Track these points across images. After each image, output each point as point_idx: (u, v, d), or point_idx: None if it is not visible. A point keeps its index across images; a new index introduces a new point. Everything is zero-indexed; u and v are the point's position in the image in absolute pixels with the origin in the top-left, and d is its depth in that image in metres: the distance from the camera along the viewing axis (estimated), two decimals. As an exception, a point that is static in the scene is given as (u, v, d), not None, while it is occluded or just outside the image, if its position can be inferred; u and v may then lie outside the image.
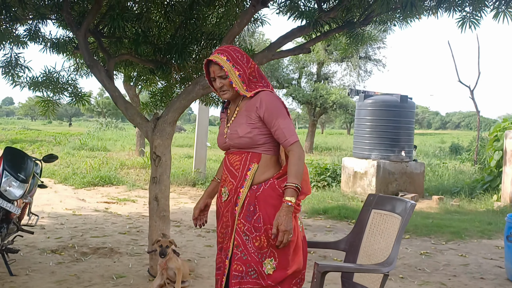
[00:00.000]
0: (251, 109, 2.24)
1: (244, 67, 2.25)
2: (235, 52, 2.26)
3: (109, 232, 5.70)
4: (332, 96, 20.40)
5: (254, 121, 2.23)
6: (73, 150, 17.08)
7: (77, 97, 5.46)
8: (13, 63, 5.20)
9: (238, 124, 2.26)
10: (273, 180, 2.24)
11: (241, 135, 2.23)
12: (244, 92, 2.24)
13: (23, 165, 3.75)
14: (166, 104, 5.55)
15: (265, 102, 2.22)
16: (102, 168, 11.37)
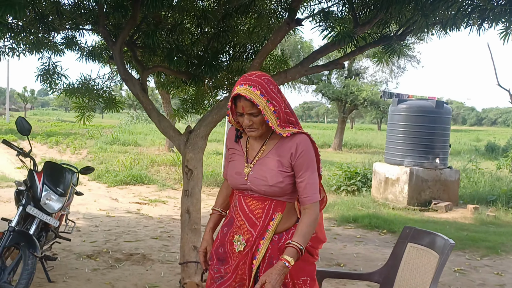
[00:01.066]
0: (284, 153, 2.00)
1: (279, 101, 1.98)
2: (268, 84, 1.97)
3: (141, 236, 5.81)
4: (363, 93, 20.11)
5: (286, 169, 1.99)
6: (106, 145, 17.44)
7: (111, 103, 5.58)
8: (50, 71, 5.34)
9: (267, 169, 2.00)
10: (295, 228, 2.04)
11: (271, 183, 1.97)
12: (280, 131, 1.96)
13: (61, 179, 3.85)
14: (197, 110, 5.61)
15: (302, 150, 1.98)
16: (133, 166, 11.57)
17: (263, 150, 2.05)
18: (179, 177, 10.65)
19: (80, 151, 16.75)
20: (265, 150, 2.04)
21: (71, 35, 5.32)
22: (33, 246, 3.40)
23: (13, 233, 3.44)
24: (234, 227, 2.09)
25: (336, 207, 7.87)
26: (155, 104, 4.96)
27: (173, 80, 5.72)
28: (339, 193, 9.46)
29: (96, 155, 14.73)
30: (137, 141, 19.63)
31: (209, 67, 4.02)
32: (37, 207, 3.64)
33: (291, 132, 1.99)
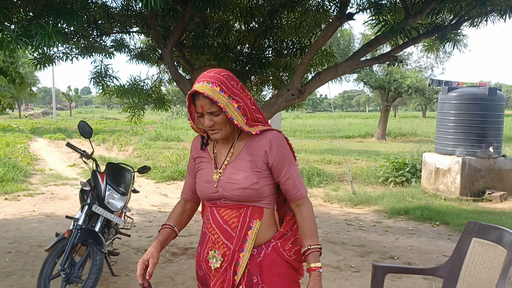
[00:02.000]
0: (256, 152, 1.79)
1: (243, 98, 1.76)
2: (229, 80, 1.76)
3: (193, 231, 5.96)
4: (408, 80, 19.60)
5: (261, 169, 1.79)
6: (150, 141, 17.88)
7: (160, 102, 5.74)
8: (102, 74, 5.55)
9: (238, 171, 1.79)
10: (275, 241, 1.84)
11: (245, 186, 1.76)
12: (247, 129, 1.75)
13: (122, 179, 4.02)
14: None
15: (276, 146, 1.78)
16: (179, 162, 11.83)
17: (232, 153, 1.83)
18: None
19: (126, 148, 17.25)
20: (234, 152, 1.83)
21: (120, 38, 5.51)
22: (99, 243, 3.58)
23: (80, 231, 3.63)
24: (208, 243, 1.88)
25: (385, 199, 7.77)
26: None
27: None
28: (387, 185, 9.33)
29: (142, 152, 15.15)
30: (179, 136, 20.00)
31: (258, 64, 4.06)
32: (101, 206, 3.82)
33: (261, 129, 1.78)
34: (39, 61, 5.23)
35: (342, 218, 6.87)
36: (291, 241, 1.87)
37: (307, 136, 23.47)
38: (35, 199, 7.90)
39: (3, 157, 12.35)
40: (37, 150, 16.21)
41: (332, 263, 4.75)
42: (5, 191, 8.39)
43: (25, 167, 11.13)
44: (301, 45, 4.48)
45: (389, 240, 5.67)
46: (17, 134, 21.32)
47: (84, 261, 3.66)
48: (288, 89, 3.95)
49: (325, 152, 14.79)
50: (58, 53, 5.29)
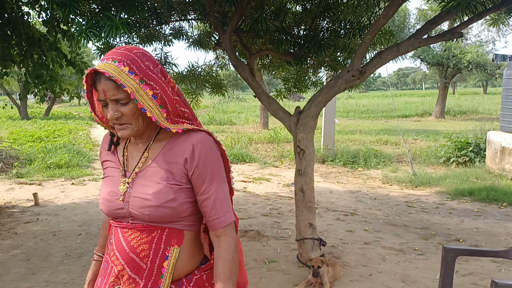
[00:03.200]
0: (175, 159, 1.36)
1: (161, 84, 1.34)
2: (143, 59, 1.33)
3: (252, 213, 6.07)
4: (468, 56, 18.68)
5: (179, 181, 1.36)
6: (204, 125, 18.17)
7: (217, 87, 5.84)
8: (162, 61, 5.69)
9: (150, 183, 1.36)
10: (200, 273, 1.45)
11: (157, 203, 1.33)
12: (166, 124, 1.33)
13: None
14: (300, 89, 5.66)
15: (200, 153, 1.35)
16: (234, 146, 12.00)
17: (145, 157, 1.40)
18: (278, 155, 10.86)
19: (182, 132, 17.65)
20: (149, 156, 1.40)
21: (178, 26, 5.62)
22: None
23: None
24: (110, 276, 1.42)
25: (448, 180, 7.52)
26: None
27: (274, 61, 5.82)
28: (449, 165, 9.02)
29: (198, 136, 15.48)
30: (232, 119, 20.24)
31: (318, 46, 4.01)
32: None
33: (185, 128, 1.35)
34: (103, 51, 5.44)
35: (403, 200, 6.74)
36: None
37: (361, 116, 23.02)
38: (99, 184, 8.29)
39: (68, 144, 13.03)
40: (97, 136, 16.94)
41: (395, 245, 4.69)
42: (71, 176, 8.86)
43: (88, 153, 11.68)
44: (359, 25, 4.37)
45: (453, 222, 5.51)
46: (78, 121, 22.33)
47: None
48: (348, 70, 3.88)
49: (381, 133, 14.48)
50: (121, 43, 5.49)
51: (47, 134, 15.75)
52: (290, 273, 4.07)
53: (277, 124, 16.69)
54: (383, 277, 3.88)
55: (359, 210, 6.20)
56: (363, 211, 6.14)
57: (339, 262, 4.17)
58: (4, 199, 6.96)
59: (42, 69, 4.50)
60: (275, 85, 39.16)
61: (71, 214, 6.13)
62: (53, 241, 4.95)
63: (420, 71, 48.99)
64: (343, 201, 6.76)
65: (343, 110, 24.95)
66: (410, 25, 20.33)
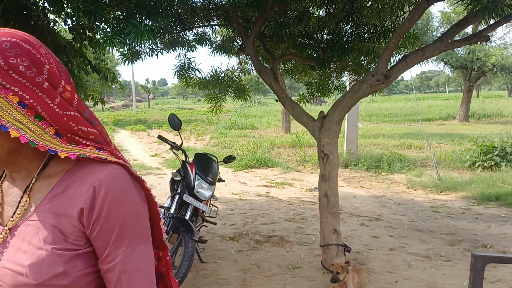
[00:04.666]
0: (66, 210, 0.89)
1: (36, 90, 0.87)
2: (8, 53, 0.85)
3: (275, 219, 6.05)
4: (492, 58, 18.32)
5: (74, 244, 0.89)
6: (225, 130, 18.29)
7: (240, 92, 5.85)
8: (185, 67, 5.75)
9: (28, 248, 0.88)
10: None
11: (38, 280, 0.86)
12: (51, 145, 0.87)
13: (210, 169, 4.18)
14: (323, 93, 5.64)
15: (105, 199, 0.88)
16: (256, 150, 12.01)
17: (25, 204, 0.92)
18: (301, 159, 10.81)
19: (203, 137, 17.79)
20: (30, 202, 0.92)
21: (202, 31, 5.67)
22: (191, 231, 3.75)
23: (173, 220, 3.83)
24: None
25: (474, 184, 7.37)
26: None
27: (297, 66, 5.80)
28: (474, 170, 8.84)
29: (219, 140, 15.56)
30: (254, 124, 20.26)
31: (342, 51, 3.98)
32: (191, 195, 3.99)
33: (82, 154, 0.89)
34: (127, 57, 5.52)
35: (428, 205, 6.62)
36: None
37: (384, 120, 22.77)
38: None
39: (93, 149, 13.15)
40: (121, 141, 17.18)
41: (421, 252, 4.61)
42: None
43: (112, 158, 11.79)
44: (384, 29, 4.33)
45: (480, 227, 5.39)
46: (102, 127, 22.60)
47: (176, 248, 3.85)
48: (372, 74, 3.84)
49: (404, 137, 14.28)
50: (145, 49, 5.56)
51: (72, 139, 16.01)
52: (314, 279, 4.04)
53: (299, 128, 16.64)
54: (409, 284, 3.82)
55: (384, 215, 6.12)
56: (387, 216, 6.06)
57: (364, 269, 4.11)
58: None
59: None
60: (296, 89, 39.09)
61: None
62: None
63: (443, 74, 48.10)
64: (367, 206, 6.69)
65: (366, 114, 24.72)
66: (434, 28, 20.05)
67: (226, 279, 4.05)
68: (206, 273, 4.21)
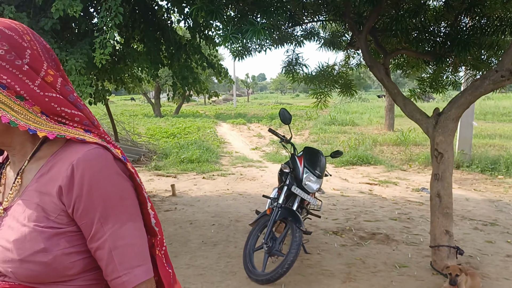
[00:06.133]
0: (47, 188, 0.94)
1: (14, 72, 0.91)
2: None
3: (379, 217, 5.94)
4: None
5: (56, 222, 0.92)
6: (325, 126, 18.17)
7: (347, 87, 5.83)
8: (293, 62, 5.85)
9: (16, 225, 0.93)
10: None
11: (21, 256, 0.90)
12: (32, 125, 0.90)
13: (318, 163, 4.24)
14: (436, 89, 5.40)
15: (83, 177, 0.91)
16: (358, 147, 11.81)
17: (18, 183, 0.98)
18: (406, 158, 10.43)
19: (302, 132, 17.86)
20: (23, 183, 0.98)
21: (310, 27, 5.73)
22: (298, 221, 3.85)
23: (281, 209, 3.96)
24: None
25: None
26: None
27: (409, 60, 5.62)
28: None
29: (318, 136, 15.52)
30: (354, 120, 19.86)
31: (462, 46, 3.80)
32: (299, 187, 4.10)
33: (61, 134, 0.92)
34: (238, 53, 5.77)
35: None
36: None
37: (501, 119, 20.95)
38: (227, 179, 8.78)
39: (198, 140, 13.98)
40: (223, 134, 17.89)
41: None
42: (202, 170, 9.50)
43: (215, 150, 12.41)
44: (510, 21, 4.04)
45: None
46: (204, 120, 23.75)
47: (284, 236, 3.98)
48: (496, 70, 3.61)
49: (525, 138, 13.08)
50: (255, 45, 5.77)
51: (179, 131, 17.08)
52: (423, 279, 3.93)
53: (404, 126, 16.00)
54: (531, 295, 3.56)
55: (500, 220, 5.71)
56: (504, 221, 5.64)
57: (478, 273, 3.90)
58: (146, 188, 7.75)
59: (188, 71, 4.93)
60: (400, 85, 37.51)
61: (204, 205, 6.60)
62: (190, 229, 5.39)
63: None
64: (481, 210, 6.28)
65: (480, 112, 22.94)
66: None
67: (330, 270, 4.10)
68: (311, 263, 4.29)
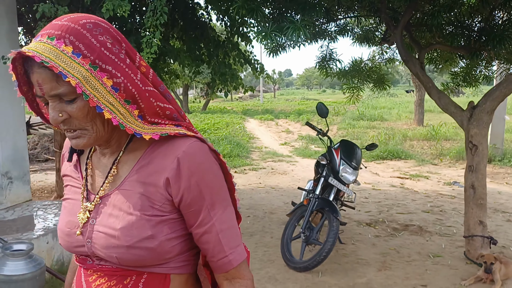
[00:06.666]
0: (152, 179, 0.98)
1: (124, 67, 0.93)
2: (95, 31, 0.92)
3: (412, 209, 6.03)
4: None
5: (160, 211, 0.98)
6: (353, 121, 18.16)
7: (380, 82, 5.93)
8: (327, 58, 5.99)
9: (119, 213, 0.98)
10: None
11: (129, 242, 0.95)
12: (135, 127, 0.94)
13: (354, 155, 4.39)
14: (469, 83, 5.45)
15: (191, 170, 0.96)
16: (388, 142, 11.84)
17: (113, 175, 1.02)
18: (436, 152, 10.43)
19: (331, 127, 17.85)
20: (119, 173, 1.02)
21: (343, 22, 5.85)
22: (335, 211, 4.01)
23: (318, 200, 4.13)
24: None
25: None
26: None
27: (443, 54, 5.68)
28: None
29: (347, 131, 15.56)
30: (383, 115, 19.76)
31: (498, 40, 3.87)
32: (336, 179, 4.25)
33: (164, 133, 0.96)
34: (272, 49, 5.93)
35: None
36: None
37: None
38: (259, 173, 8.97)
39: (228, 136, 14.23)
40: (251, 129, 18.09)
41: None
42: (233, 165, 9.72)
43: (245, 145, 12.62)
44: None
45: None
46: (232, 115, 24.00)
47: (320, 226, 4.14)
48: (532, 63, 3.69)
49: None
50: (289, 41, 5.92)
51: (208, 126, 17.38)
52: (456, 268, 4.04)
53: (433, 120, 15.88)
54: None
55: (533, 213, 5.74)
56: (538, 215, 5.67)
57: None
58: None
59: (226, 67, 5.14)
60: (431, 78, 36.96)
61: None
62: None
63: None
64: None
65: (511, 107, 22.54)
66: None
67: (366, 259, 4.25)
68: (346, 253, 4.45)
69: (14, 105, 4.82)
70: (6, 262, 2.90)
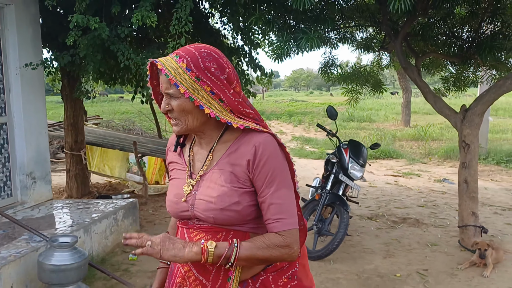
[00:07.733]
0: (239, 161, 1.36)
1: (219, 84, 1.33)
2: (206, 59, 1.32)
3: (407, 204, 6.51)
4: None
5: (243, 184, 1.35)
6: (343, 122, 18.65)
7: (377, 86, 6.40)
8: (329, 64, 6.43)
9: (215, 186, 1.37)
10: (266, 275, 1.42)
11: (222, 206, 1.34)
12: (227, 118, 1.33)
13: (361, 153, 4.83)
14: (459, 87, 5.96)
15: (263, 154, 1.33)
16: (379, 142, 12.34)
17: (210, 160, 1.41)
18: (425, 152, 10.98)
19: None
20: (213, 158, 1.41)
21: (345, 31, 6.29)
22: (345, 205, 4.45)
23: (329, 195, 4.55)
24: (177, 277, 1.46)
25: None
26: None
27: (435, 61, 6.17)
28: None
29: (339, 132, 15.97)
30: (371, 117, 20.33)
31: (489, 49, 4.35)
32: (345, 175, 4.69)
33: (247, 126, 1.34)
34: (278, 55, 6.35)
35: None
36: (287, 275, 1.44)
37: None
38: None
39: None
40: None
41: (561, 240, 4.80)
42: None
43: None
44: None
45: None
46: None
47: (331, 219, 4.57)
48: (518, 71, 4.18)
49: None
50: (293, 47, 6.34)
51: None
52: (452, 255, 4.50)
53: (419, 121, 16.48)
54: (549, 265, 4.11)
55: (518, 206, 6.26)
56: (522, 207, 6.20)
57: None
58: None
59: (238, 73, 5.54)
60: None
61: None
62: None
63: None
64: (499, 197, 6.83)
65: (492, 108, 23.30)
66: None
67: (371, 249, 4.69)
68: (352, 243, 4.88)
69: (38, 109, 5.02)
70: (53, 253, 3.23)
